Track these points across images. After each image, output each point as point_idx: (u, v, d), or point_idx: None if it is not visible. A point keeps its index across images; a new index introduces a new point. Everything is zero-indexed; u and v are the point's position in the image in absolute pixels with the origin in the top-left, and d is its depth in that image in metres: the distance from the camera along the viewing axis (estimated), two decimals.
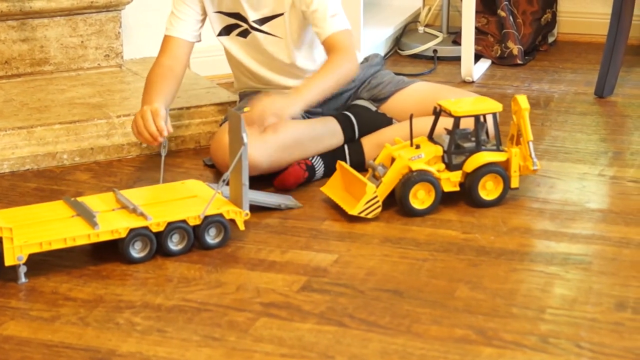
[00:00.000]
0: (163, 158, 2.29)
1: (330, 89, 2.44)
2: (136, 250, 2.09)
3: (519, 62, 3.51)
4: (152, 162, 2.63)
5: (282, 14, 2.51)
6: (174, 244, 2.12)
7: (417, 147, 2.33)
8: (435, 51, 3.59)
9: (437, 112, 2.37)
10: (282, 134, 2.42)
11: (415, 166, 2.28)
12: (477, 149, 2.32)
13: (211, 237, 2.15)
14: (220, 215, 2.15)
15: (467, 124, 2.34)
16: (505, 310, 1.89)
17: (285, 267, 2.08)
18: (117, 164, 2.65)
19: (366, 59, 2.70)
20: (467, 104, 2.37)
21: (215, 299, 1.95)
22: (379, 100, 2.62)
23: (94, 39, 3.08)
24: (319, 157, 2.51)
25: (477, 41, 3.44)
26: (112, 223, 2.08)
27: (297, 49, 2.56)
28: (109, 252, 2.12)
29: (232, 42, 2.58)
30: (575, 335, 1.80)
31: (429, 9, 3.82)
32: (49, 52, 3.04)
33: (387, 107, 2.61)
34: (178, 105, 2.78)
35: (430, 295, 1.95)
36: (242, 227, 2.17)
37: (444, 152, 2.33)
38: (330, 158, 2.52)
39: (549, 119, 2.98)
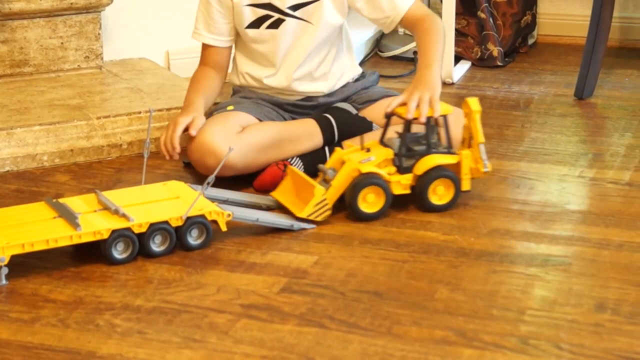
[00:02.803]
0: (145, 159, 2.29)
1: (441, 53, 2.49)
2: (118, 252, 2.09)
3: (499, 63, 3.52)
4: (133, 164, 2.63)
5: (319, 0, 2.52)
6: (156, 245, 2.12)
7: (368, 150, 2.32)
8: (415, 53, 3.59)
9: (389, 117, 2.36)
10: (257, 134, 2.42)
11: (365, 169, 2.27)
12: (428, 151, 2.31)
13: (193, 238, 2.15)
14: (203, 216, 2.15)
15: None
16: (485, 311, 1.90)
17: (266, 269, 2.08)
18: (97, 165, 2.65)
19: (363, 76, 2.69)
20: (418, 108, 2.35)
21: (195, 300, 1.95)
22: (361, 103, 2.62)
23: (73, 41, 3.08)
24: (297, 158, 2.51)
25: (457, 43, 3.45)
26: (94, 224, 2.08)
27: (325, 38, 2.55)
28: (89, 253, 2.11)
29: (257, 37, 2.55)
30: (555, 337, 1.81)
31: None
32: (29, 54, 3.02)
33: (368, 112, 2.60)
34: (158, 106, 2.78)
35: (411, 296, 1.96)
36: (224, 228, 2.17)
37: (395, 154, 2.31)
38: (311, 159, 2.52)
39: (528, 120, 2.99)
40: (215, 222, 2.16)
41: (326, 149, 2.55)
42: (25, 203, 2.25)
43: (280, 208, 2.32)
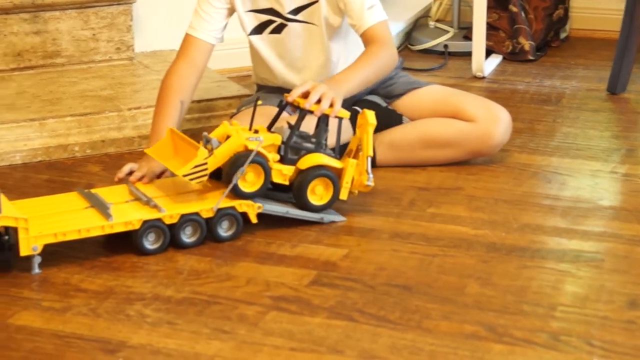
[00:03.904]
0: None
1: (369, 79, 2.41)
2: (149, 242, 2.10)
3: (531, 57, 3.50)
4: None
5: (317, 1, 2.50)
6: (187, 236, 2.13)
7: (256, 132, 2.22)
8: (446, 46, 3.59)
9: (283, 105, 2.29)
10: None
11: (252, 146, 2.16)
12: (316, 149, 2.23)
13: (224, 229, 2.16)
14: (233, 208, 2.15)
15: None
16: (515, 307, 1.89)
17: (295, 261, 2.08)
18: (128, 156, 2.66)
19: None
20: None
21: (225, 292, 1.95)
22: (391, 97, 2.62)
23: (105, 32, 3.09)
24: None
25: (489, 37, 3.43)
26: (125, 215, 2.09)
27: (331, 39, 2.53)
28: (120, 244, 2.12)
29: (263, 42, 2.55)
30: (586, 333, 1.80)
31: (440, 4, 3.82)
32: (61, 45, 3.04)
33: (399, 105, 2.60)
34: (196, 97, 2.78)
35: (440, 291, 1.95)
36: (254, 219, 2.17)
37: (282, 142, 2.22)
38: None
39: (560, 115, 2.97)
40: (245, 214, 2.16)
41: None
42: (56, 193, 2.26)
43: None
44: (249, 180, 2.16)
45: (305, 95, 2.24)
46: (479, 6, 3.27)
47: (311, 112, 2.22)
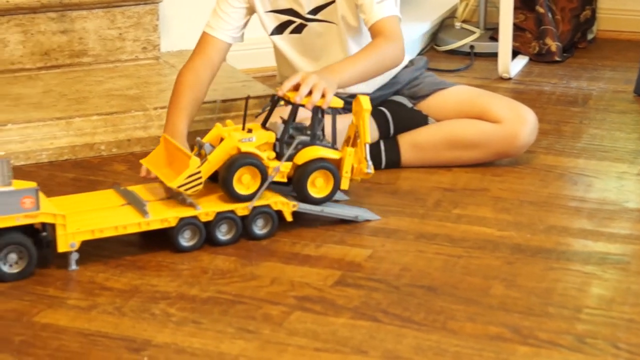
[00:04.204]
0: None
1: (370, 72, 2.37)
2: (185, 239, 2.10)
3: (557, 59, 3.49)
4: None
5: (334, 1, 2.49)
6: (222, 233, 2.13)
7: (249, 131, 2.19)
8: (472, 47, 3.58)
9: (275, 101, 2.25)
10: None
11: (245, 148, 2.14)
12: (311, 142, 2.19)
13: (259, 227, 2.16)
14: (268, 206, 2.15)
15: None
16: (541, 309, 1.88)
17: (320, 261, 2.08)
18: None
19: (412, 62, 2.66)
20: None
21: (249, 291, 1.95)
22: (416, 97, 2.61)
23: (131, 32, 3.10)
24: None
25: (515, 37, 3.42)
26: (161, 212, 2.10)
27: (352, 37, 2.52)
28: (145, 243, 2.13)
29: (284, 42, 2.55)
30: (612, 336, 1.79)
31: (466, 5, 3.81)
32: (88, 44, 3.06)
33: (425, 106, 2.60)
34: (213, 98, 2.79)
35: (465, 292, 1.95)
36: (289, 218, 2.17)
37: (277, 139, 2.20)
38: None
39: (587, 116, 2.96)
40: (280, 212, 2.17)
41: (381, 143, 2.54)
42: (82, 192, 2.27)
43: (346, 201, 2.32)
44: (245, 182, 2.14)
45: (297, 87, 2.20)
46: (505, 7, 3.26)
47: (303, 105, 2.19)
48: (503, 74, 3.31)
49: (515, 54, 3.44)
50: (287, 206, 2.17)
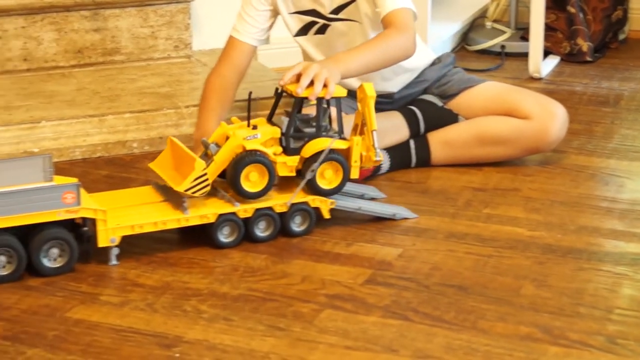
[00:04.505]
0: None
1: (377, 62, 2.33)
2: (224, 235, 2.12)
3: (589, 59, 3.47)
4: None
5: (355, 0, 2.50)
6: (261, 230, 2.15)
7: (254, 127, 2.17)
8: (502, 47, 3.57)
9: (279, 94, 2.22)
10: (347, 127, 2.42)
11: (250, 146, 2.13)
12: (317, 134, 2.18)
13: (297, 224, 2.18)
14: (306, 203, 2.16)
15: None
16: (571, 309, 1.88)
17: (350, 260, 2.08)
18: None
19: (439, 59, 2.65)
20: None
21: (280, 289, 1.96)
22: (446, 96, 2.61)
23: (164, 30, 3.12)
24: (384, 151, 2.51)
25: (546, 37, 3.41)
26: (200, 208, 2.11)
27: (376, 34, 2.53)
28: (177, 240, 2.15)
29: (309, 43, 2.55)
30: None
31: (497, 4, 3.80)
32: (120, 42, 3.08)
33: (455, 104, 2.60)
34: (244, 96, 2.79)
35: (496, 291, 1.95)
36: (327, 215, 2.18)
37: (282, 134, 2.18)
38: (396, 152, 2.52)
39: (618, 117, 2.95)
40: (318, 209, 2.17)
41: (411, 142, 2.55)
42: (115, 189, 2.28)
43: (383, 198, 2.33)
44: (253, 179, 2.13)
45: (299, 78, 2.18)
46: (536, 7, 3.25)
47: (306, 97, 2.17)
48: (534, 73, 3.30)
49: (546, 54, 3.43)
50: (324, 203, 2.18)
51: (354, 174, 2.21)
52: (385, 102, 2.60)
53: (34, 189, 1.98)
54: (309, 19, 2.52)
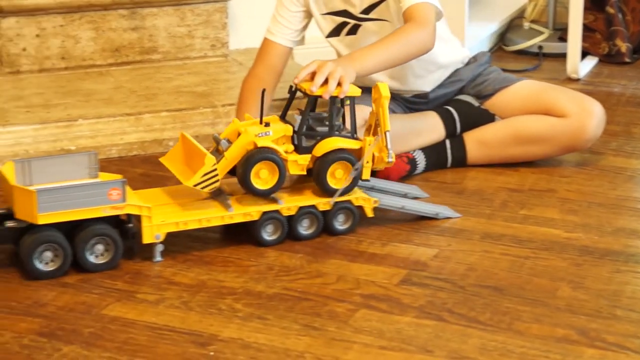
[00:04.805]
0: None
1: (394, 58, 2.30)
2: (268, 233, 2.13)
3: (627, 60, 3.45)
4: None
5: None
6: (304, 228, 2.15)
7: (267, 124, 2.14)
8: (540, 47, 3.55)
9: (292, 92, 2.20)
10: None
11: (261, 143, 2.12)
12: (330, 133, 2.16)
13: (340, 223, 2.18)
14: (349, 202, 2.16)
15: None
16: (608, 311, 1.86)
17: (385, 260, 2.08)
18: None
19: (474, 58, 2.64)
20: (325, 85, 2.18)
21: (315, 288, 1.96)
22: (482, 96, 2.60)
23: (201, 29, 3.13)
24: (420, 151, 2.50)
25: (584, 38, 3.38)
26: (244, 206, 2.12)
27: None
28: (212, 239, 2.15)
29: (342, 44, 2.54)
30: None
31: (535, 5, 3.78)
32: (157, 41, 3.09)
33: (491, 104, 2.59)
34: (280, 96, 2.80)
35: (532, 293, 1.94)
36: (370, 214, 2.18)
37: (294, 132, 2.16)
38: (432, 152, 2.52)
39: None
40: (361, 207, 2.18)
41: (447, 141, 2.54)
42: (151, 187, 2.29)
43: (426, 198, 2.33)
44: (263, 177, 2.12)
45: (314, 76, 2.16)
46: (575, 7, 3.23)
47: (320, 96, 2.15)
48: (572, 74, 3.28)
49: (584, 54, 3.40)
50: (368, 202, 2.18)
51: (366, 174, 2.19)
52: (420, 102, 2.60)
53: (80, 185, 2.01)
54: (341, 19, 2.52)
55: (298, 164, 2.16)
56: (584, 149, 2.53)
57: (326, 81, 2.15)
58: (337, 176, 2.16)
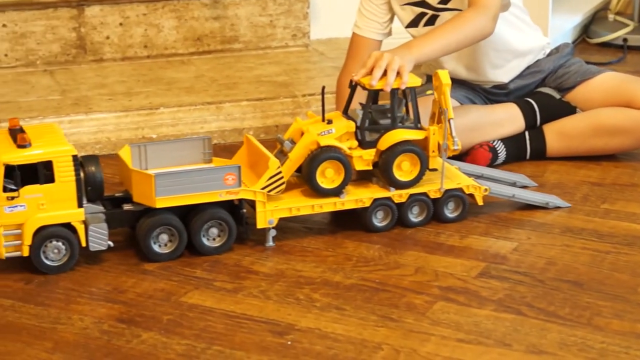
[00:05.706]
0: None
1: (453, 44, 2.28)
2: (378, 220, 2.14)
3: None
4: None
5: None
6: (414, 215, 2.17)
7: (329, 122, 2.14)
8: (625, 40, 3.50)
9: (353, 87, 2.17)
10: (463, 117, 2.39)
11: (324, 142, 2.10)
12: (393, 125, 2.14)
13: (450, 210, 2.18)
14: (460, 189, 2.17)
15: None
16: None
17: (464, 252, 2.07)
18: None
19: (557, 49, 2.62)
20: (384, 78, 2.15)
21: (393, 280, 1.96)
22: (564, 89, 2.57)
23: (282, 19, 3.14)
24: (500, 142, 2.49)
25: None
26: (355, 192, 2.13)
27: None
28: (290, 228, 2.16)
29: (420, 34, 2.54)
30: None
31: None
32: (239, 31, 3.11)
33: (573, 97, 2.56)
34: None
35: (613, 288, 1.91)
36: (480, 202, 2.18)
37: (357, 127, 2.14)
38: (511, 143, 2.50)
39: None
40: (471, 195, 2.18)
41: (526, 132, 2.52)
42: None
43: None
44: (328, 176, 2.10)
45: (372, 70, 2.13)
46: None
47: (381, 90, 2.13)
48: None
49: None
50: (478, 190, 2.18)
51: (433, 163, 2.16)
52: (500, 94, 2.58)
53: (198, 170, 2.04)
54: (419, 10, 2.51)
55: (363, 159, 2.14)
56: None
57: (385, 73, 2.13)
58: (403, 168, 2.14)
